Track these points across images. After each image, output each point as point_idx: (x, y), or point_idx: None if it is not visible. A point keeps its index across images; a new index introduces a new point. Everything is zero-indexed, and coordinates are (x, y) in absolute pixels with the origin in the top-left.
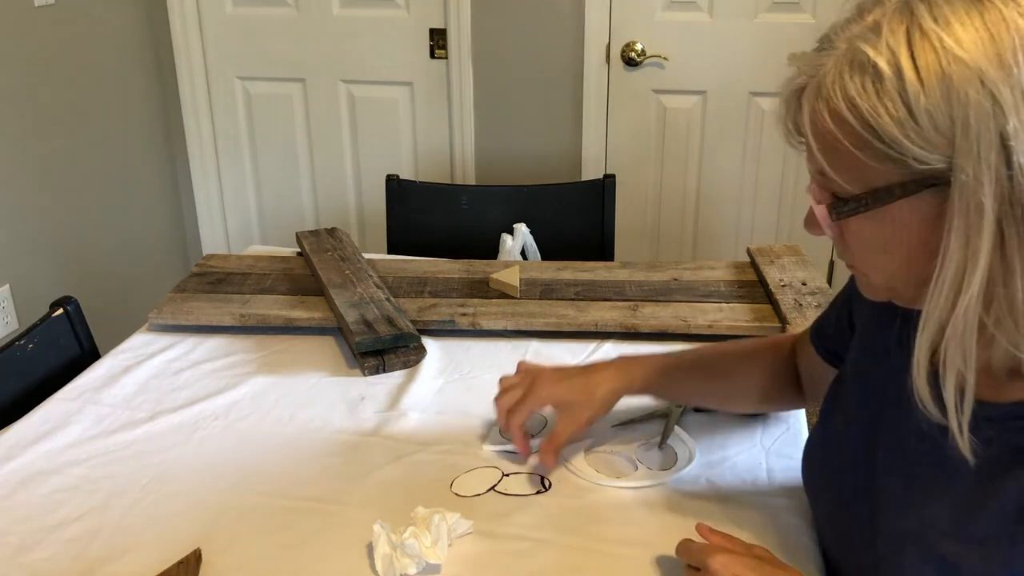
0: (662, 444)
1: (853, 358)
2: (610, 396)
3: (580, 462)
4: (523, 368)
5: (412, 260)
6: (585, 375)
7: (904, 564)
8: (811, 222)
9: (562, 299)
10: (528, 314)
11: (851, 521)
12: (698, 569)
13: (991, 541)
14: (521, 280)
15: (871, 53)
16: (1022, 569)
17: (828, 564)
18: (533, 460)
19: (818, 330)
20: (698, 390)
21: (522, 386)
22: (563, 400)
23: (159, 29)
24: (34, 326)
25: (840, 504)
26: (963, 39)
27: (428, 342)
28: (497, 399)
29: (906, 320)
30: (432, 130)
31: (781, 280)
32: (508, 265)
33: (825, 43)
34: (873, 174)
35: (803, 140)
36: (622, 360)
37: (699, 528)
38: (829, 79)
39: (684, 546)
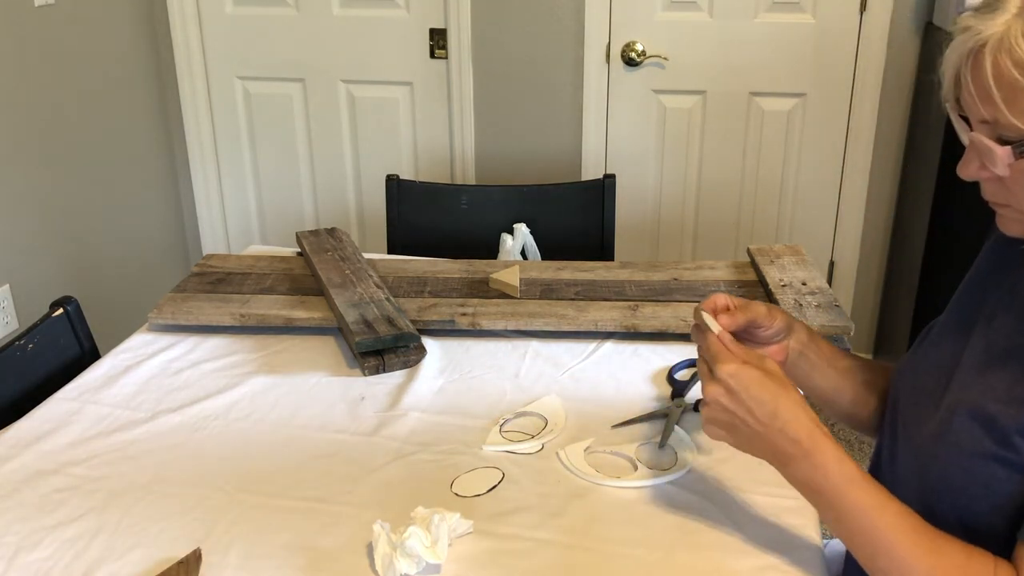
0: (662, 444)
1: (957, 296)
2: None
3: (580, 462)
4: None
5: (412, 260)
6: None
7: (954, 422)
8: (972, 167)
9: (562, 299)
10: (528, 314)
11: (925, 399)
12: (711, 369)
13: None
14: (521, 280)
15: None
16: None
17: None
18: (535, 462)
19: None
20: (815, 365)
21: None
22: (770, 324)
23: (159, 29)
24: (34, 326)
25: (921, 391)
26: None
27: (428, 342)
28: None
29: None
30: (432, 130)
31: (781, 280)
32: (508, 265)
33: (994, 4)
34: None
35: (971, 94)
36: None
37: (721, 333)
38: (1012, 33)
39: (706, 343)
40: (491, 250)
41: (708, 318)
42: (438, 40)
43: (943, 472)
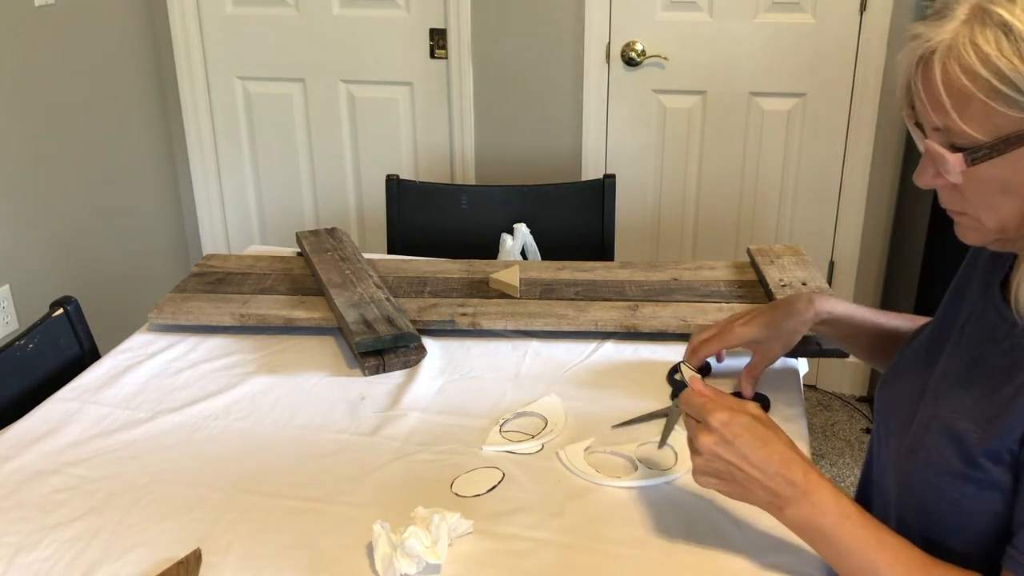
0: (662, 444)
1: (943, 303)
2: (798, 328)
3: (580, 462)
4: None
5: (412, 260)
6: (773, 311)
7: (926, 438)
8: (927, 175)
9: (562, 299)
10: (528, 314)
11: (902, 409)
12: (698, 421)
13: (996, 419)
14: (521, 280)
15: (1004, 14)
16: (1007, 435)
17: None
18: (538, 462)
19: None
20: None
21: (715, 328)
22: (754, 338)
23: (159, 29)
24: (34, 326)
25: (898, 401)
26: None
27: (428, 342)
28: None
29: (992, 262)
30: (432, 130)
31: (781, 280)
32: (508, 265)
33: (943, 11)
34: (1004, 122)
35: (923, 101)
36: (811, 294)
37: (692, 381)
38: (960, 40)
39: (686, 397)
40: (491, 250)
41: (686, 370)
42: (438, 40)
43: (916, 488)
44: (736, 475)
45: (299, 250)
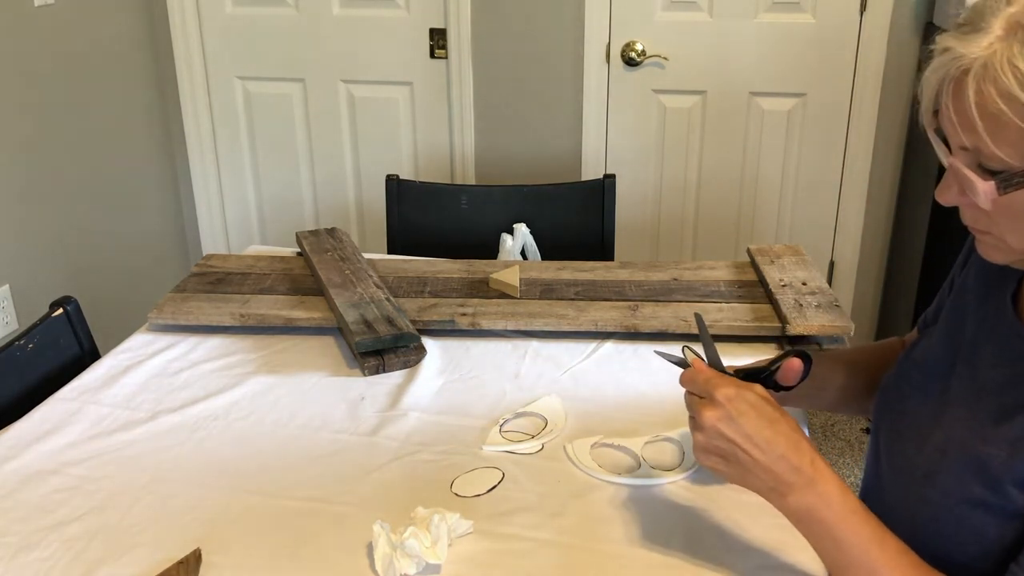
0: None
1: (944, 312)
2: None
3: (585, 456)
4: None
5: (412, 260)
6: None
7: (943, 464)
8: (951, 193)
9: (562, 299)
10: (528, 314)
11: (909, 430)
12: (701, 397)
13: (1020, 441)
14: (521, 280)
15: None
16: None
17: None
18: (539, 463)
19: (924, 318)
20: (830, 379)
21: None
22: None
23: (159, 29)
24: (34, 326)
25: (907, 421)
26: None
27: (428, 342)
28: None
29: (985, 269)
30: (432, 130)
31: (781, 280)
32: (508, 265)
33: (976, 23)
34: None
35: (952, 121)
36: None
37: (695, 363)
38: (997, 59)
39: (689, 375)
40: (491, 250)
41: (689, 353)
42: (438, 40)
43: (933, 515)
44: (739, 455)
45: (299, 250)
